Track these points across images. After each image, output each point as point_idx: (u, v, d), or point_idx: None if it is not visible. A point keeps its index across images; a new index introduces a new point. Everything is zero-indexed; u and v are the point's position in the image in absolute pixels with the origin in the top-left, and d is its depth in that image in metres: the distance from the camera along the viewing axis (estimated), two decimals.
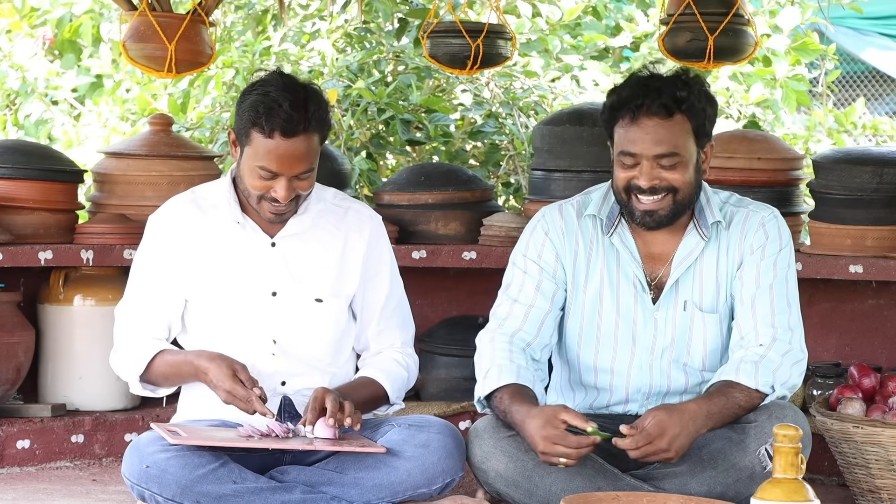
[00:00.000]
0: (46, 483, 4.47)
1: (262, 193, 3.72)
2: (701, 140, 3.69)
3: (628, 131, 3.65)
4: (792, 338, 3.69)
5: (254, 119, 3.67)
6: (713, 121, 3.73)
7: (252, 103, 3.68)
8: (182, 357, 3.79)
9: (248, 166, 3.72)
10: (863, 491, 4.16)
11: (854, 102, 8.98)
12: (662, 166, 3.64)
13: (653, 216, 3.68)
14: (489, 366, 3.69)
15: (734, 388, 3.60)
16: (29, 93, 8.15)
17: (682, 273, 3.75)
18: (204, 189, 3.94)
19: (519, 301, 3.78)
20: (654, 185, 3.65)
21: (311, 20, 7.55)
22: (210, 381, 3.68)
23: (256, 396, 3.62)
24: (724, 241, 3.77)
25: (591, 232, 3.80)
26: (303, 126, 3.66)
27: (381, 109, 6.74)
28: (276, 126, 3.64)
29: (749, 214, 3.79)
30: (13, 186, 4.90)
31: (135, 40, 4.87)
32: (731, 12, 5.02)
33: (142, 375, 3.81)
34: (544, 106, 7.11)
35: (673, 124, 3.63)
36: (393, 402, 3.90)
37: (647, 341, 3.77)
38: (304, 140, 3.68)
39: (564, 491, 3.52)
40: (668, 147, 3.63)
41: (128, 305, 3.90)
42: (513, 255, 3.86)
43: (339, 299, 3.88)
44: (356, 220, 3.93)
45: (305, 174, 3.71)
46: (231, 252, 3.84)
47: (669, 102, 3.62)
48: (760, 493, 3.15)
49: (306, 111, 3.66)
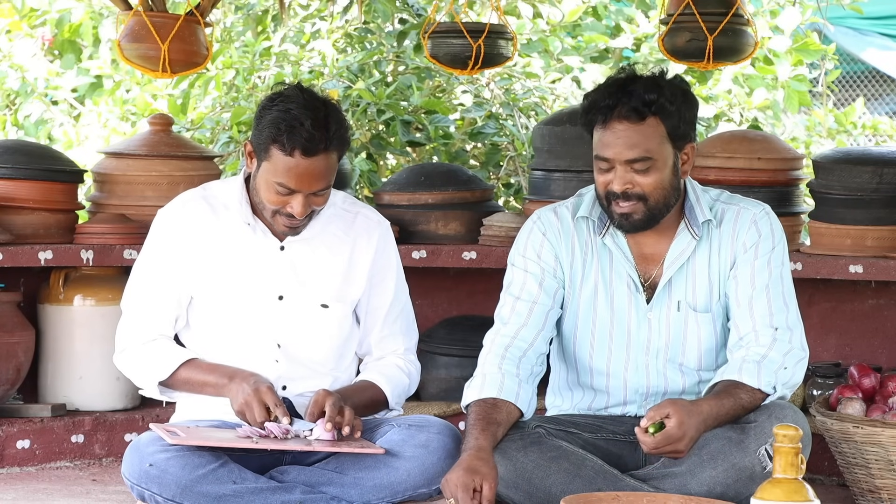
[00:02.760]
0: (46, 483, 4.47)
1: (277, 208, 3.72)
2: (678, 142, 3.66)
3: (602, 136, 3.65)
4: (792, 337, 3.69)
5: (275, 136, 3.63)
6: (691, 122, 3.70)
7: (273, 120, 3.64)
8: (216, 366, 3.77)
9: (265, 181, 3.70)
10: (863, 491, 4.16)
11: (854, 102, 8.98)
12: (636, 170, 3.63)
13: (628, 219, 3.67)
14: (476, 373, 3.70)
15: (739, 389, 3.60)
16: (29, 93, 8.15)
17: (675, 273, 3.75)
18: (216, 187, 3.92)
19: (522, 298, 3.77)
20: (627, 189, 3.64)
21: (311, 20, 7.55)
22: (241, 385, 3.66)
23: (283, 408, 3.63)
24: (715, 240, 3.77)
25: (585, 234, 3.80)
26: (324, 145, 3.63)
27: (381, 110, 6.74)
28: (298, 145, 3.62)
29: (740, 212, 3.78)
30: (13, 186, 4.91)
31: (129, 40, 4.87)
32: (730, 12, 5.03)
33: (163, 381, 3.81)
34: (544, 107, 7.11)
35: (645, 128, 3.62)
36: (392, 408, 3.90)
37: (642, 342, 3.77)
38: (324, 159, 3.66)
39: (564, 492, 3.51)
40: (639, 152, 3.62)
41: (134, 302, 3.86)
42: (511, 256, 3.86)
43: (345, 304, 3.87)
44: (365, 225, 3.92)
45: (322, 191, 3.70)
46: (240, 253, 3.83)
47: (640, 106, 3.60)
48: (760, 493, 3.15)
49: (327, 130, 3.63)
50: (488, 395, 3.63)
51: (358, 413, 3.70)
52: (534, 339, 3.74)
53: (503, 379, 3.65)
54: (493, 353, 3.71)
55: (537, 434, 3.67)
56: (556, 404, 3.93)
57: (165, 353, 3.80)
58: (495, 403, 3.62)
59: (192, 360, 3.79)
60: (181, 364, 3.77)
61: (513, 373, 3.67)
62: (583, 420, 3.82)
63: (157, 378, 3.79)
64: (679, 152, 3.68)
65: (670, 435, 3.45)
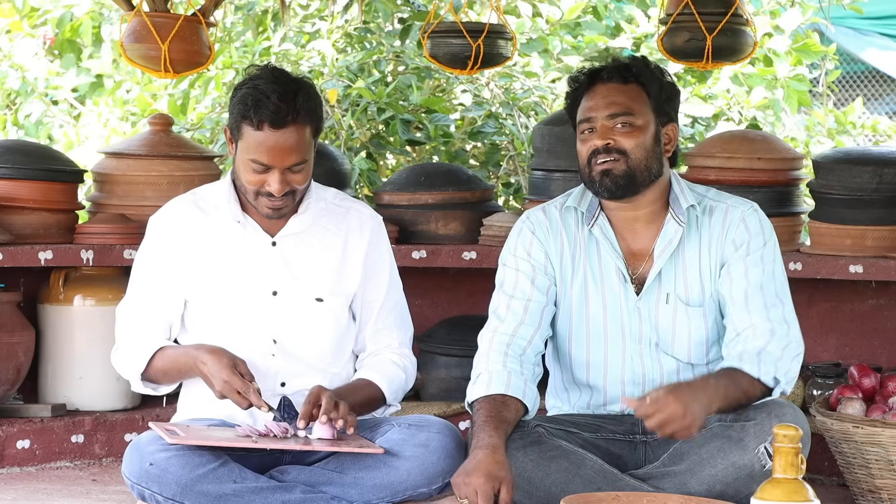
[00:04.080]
0: (46, 483, 4.47)
1: (257, 189, 3.72)
2: (660, 116, 3.72)
3: (585, 101, 3.72)
4: (789, 331, 3.70)
5: (243, 112, 3.68)
6: (673, 103, 3.77)
7: (241, 97, 3.69)
8: (182, 350, 3.80)
9: (241, 161, 3.73)
10: (863, 491, 4.16)
11: (853, 102, 8.97)
12: (618, 130, 3.67)
13: (609, 175, 3.68)
14: (481, 370, 3.69)
15: (737, 373, 3.61)
16: (29, 93, 8.15)
17: (665, 266, 3.75)
18: (204, 190, 3.95)
19: (516, 297, 3.78)
20: (608, 143, 3.68)
21: (311, 20, 7.55)
22: (207, 371, 3.67)
23: (254, 389, 3.62)
24: (705, 233, 3.77)
25: (573, 227, 3.82)
26: (291, 117, 3.67)
27: (381, 109, 6.74)
28: (265, 117, 3.65)
29: (729, 210, 3.79)
30: (13, 186, 4.91)
31: (132, 40, 4.88)
32: (729, 12, 5.03)
33: (143, 373, 3.81)
34: (544, 106, 7.11)
35: (628, 90, 3.70)
36: (390, 404, 3.90)
37: (634, 331, 3.77)
38: (294, 131, 3.68)
39: (563, 492, 3.51)
40: (621, 108, 3.68)
41: (129, 306, 3.90)
42: (502, 256, 3.87)
43: (340, 298, 3.88)
44: (357, 219, 3.93)
45: (298, 166, 3.71)
46: (232, 251, 3.84)
47: (623, 70, 3.70)
48: (760, 493, 3.15)
49: (295, 102, 3.67)
50: (497, 391, 3.63)
51: (356, 412, 3.71)
52: (532, 336, 3.74)
53: (510, 376, 3.65)
54: (494, 350, 3.71)
55: (537, 434, 3.67)
56: (556, 406, 3.94)
57: (141, 347, 3.82)
58: (504, 401, 3.62)
59: (162, 348, 3.81)
60: (154, 354, 3.79)
61: (517, 370, 3.67)
62: (582, 420, 3.82)
63: (136, 371, 3.81)
64: (662, 126, 3.73)
65: (654, 398, 3.43)
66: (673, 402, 3.42)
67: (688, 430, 3.45)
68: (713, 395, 3.52)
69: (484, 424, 3.55)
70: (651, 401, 3.43)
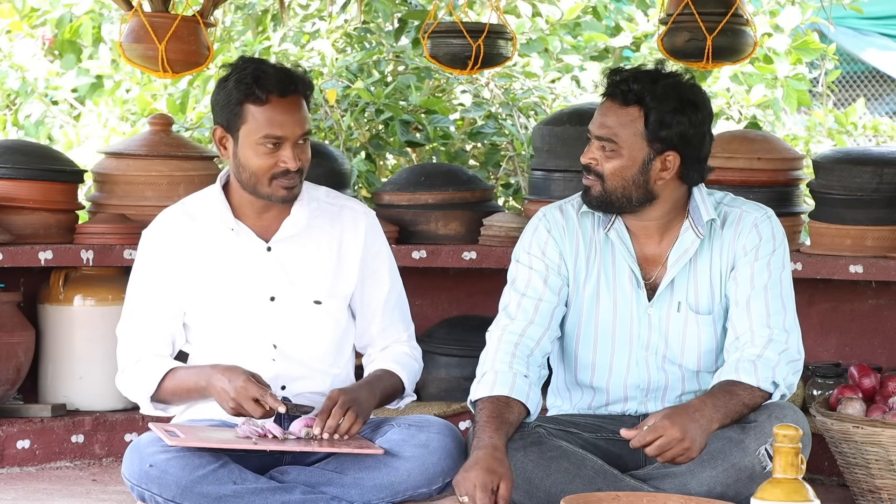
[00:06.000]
0: (46, 483, 4.47)
1: (271, 172, 3.71)
2: (656, 143, 3.65)
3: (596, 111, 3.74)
4: (788, 339, 3.69)
5: (246, 91, 3.69)
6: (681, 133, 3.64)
7: (237, 81, 3.71)
8: (195, 370, 3.76)
9: (250, 146, 3.71)
10: (863, 491, 4.16)
11: (854, 102, 8.97)
12: (602, 150, 3.67)
13: (588, 193, 3.72)
14: (487, 369, 3.69)
15: (736, 386, 3.60)
16: (29, 93, 8.15)
17: (678, 274, 3.74)
18: (194, 199, 3.92)
19: (527, 295, 3.77)
20: (590, 164, 3.69)
21: (310, 20, 7.55)
22: (222, 386, 3.63)
23: (270, 394, 3.61)
24: (717, 242, 3.76)
25: (589, 230, 3.81)
26: (293, 86, 3.71)
27: (380, 110, 6.74)
28: (271, 87, 3.68)
29: (742, 215, 3.78)
30: (13, 186, 4.91)
31: (130, 40, 4.89)
32: (729, 12, 5.03)
33: (152, 395, 3.80)
34: (544, 107, 7.11)
35: (623, 114, 3.66)
36: (407, 394, 3.92)
37: (643, 337, 3.77)
38: (298, 100, 3.72)
39: (564, 492, 3.51)
40: (606, 132, 3.66)
41: (129, 325, 3.87)
42: (515, 252, 3.86)
43: (338, 299, 3.88)
44: (351, 217, 3.92)
45: (305, 137, 3.73)
46: (227, 259, 3.83)
47: (627, 92, 3.64)
48: (760, 493, 3.15)
49: (291, 72, 3.73)
50: (500, 392, 3.63)
51: (381, 403, 3.74)
52: (540, 337, 3.74)
53: (515, 379, 3.65)
54: (502, 350, 3.70)
55: (537, 434, 3.67)
56: (556, 405, 3.94)
57: (150, 369, 3.80)
58: (508, 402, 3.61)
59: (172, 370, 3.79)
60: (164, 376, 3.77)
61: (523, 373, 3.67)
62: (583, 420, 3.82)
63: (146, 394, 3.80)
64: (656, 155, 3.67)
65: (654, 426, 3.43)
66: (671, 428, 3.43)
67: (688, 455, 3.46)
68: (712, 415, 3.52)
69: (485, 425, 3.55)
70: (648, 429, 3.44)
